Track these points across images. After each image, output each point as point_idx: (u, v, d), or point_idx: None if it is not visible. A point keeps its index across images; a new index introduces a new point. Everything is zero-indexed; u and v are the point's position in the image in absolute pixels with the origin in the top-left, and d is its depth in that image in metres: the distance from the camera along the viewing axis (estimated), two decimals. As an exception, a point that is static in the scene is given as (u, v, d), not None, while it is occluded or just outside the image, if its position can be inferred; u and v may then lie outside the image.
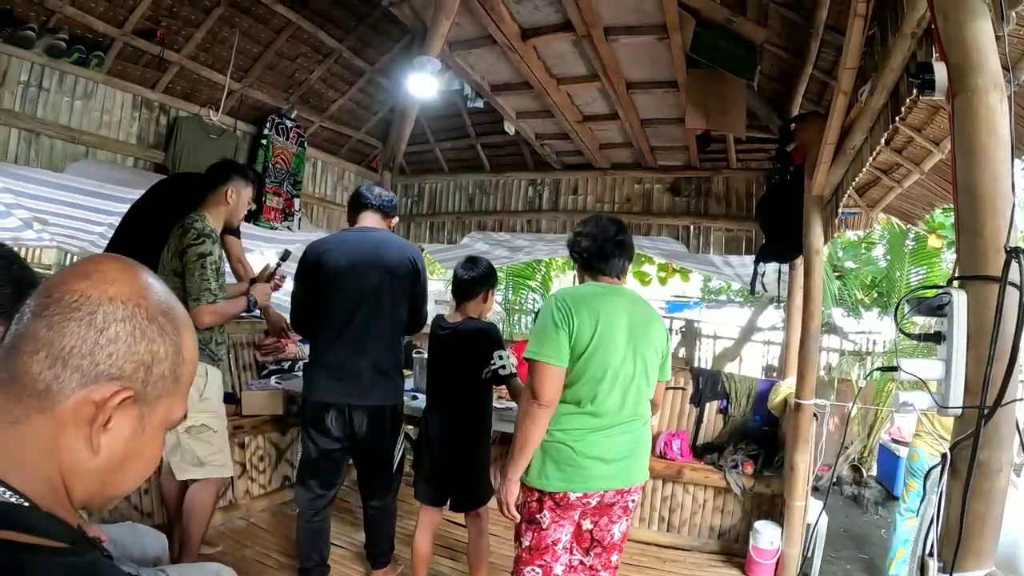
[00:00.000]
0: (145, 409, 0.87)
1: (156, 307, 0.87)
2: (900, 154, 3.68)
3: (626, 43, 4.02)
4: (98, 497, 0.88)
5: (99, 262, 0.88)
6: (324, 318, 3.33)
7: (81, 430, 0.80)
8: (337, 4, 5.24)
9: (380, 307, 3.34)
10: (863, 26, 2.59)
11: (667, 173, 5.96)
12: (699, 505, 4.72)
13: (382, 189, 3.60)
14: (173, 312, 0.90)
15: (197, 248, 3.20)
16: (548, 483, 2.52)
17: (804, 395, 4.00)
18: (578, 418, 2.52)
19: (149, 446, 0.90)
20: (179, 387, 0.92)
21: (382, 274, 3.33)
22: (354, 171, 6.89)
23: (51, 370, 0.79)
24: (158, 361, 0.86)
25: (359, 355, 3.29)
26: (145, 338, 0.85)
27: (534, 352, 2.47)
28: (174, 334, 0.89)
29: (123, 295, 0.84)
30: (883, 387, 7.12)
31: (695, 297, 15.12)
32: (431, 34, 4.15)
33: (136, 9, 4.33)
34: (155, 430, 0.90)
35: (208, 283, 3.19)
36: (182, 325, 0.92)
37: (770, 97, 4.88)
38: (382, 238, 3.45)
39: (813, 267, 4.02)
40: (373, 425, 3.33)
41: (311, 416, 3.34)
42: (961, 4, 1.57)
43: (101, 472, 0.84)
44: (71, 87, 4.30)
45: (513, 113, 5.46)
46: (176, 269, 3.22)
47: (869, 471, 6.99)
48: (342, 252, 3.36)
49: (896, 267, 8.80)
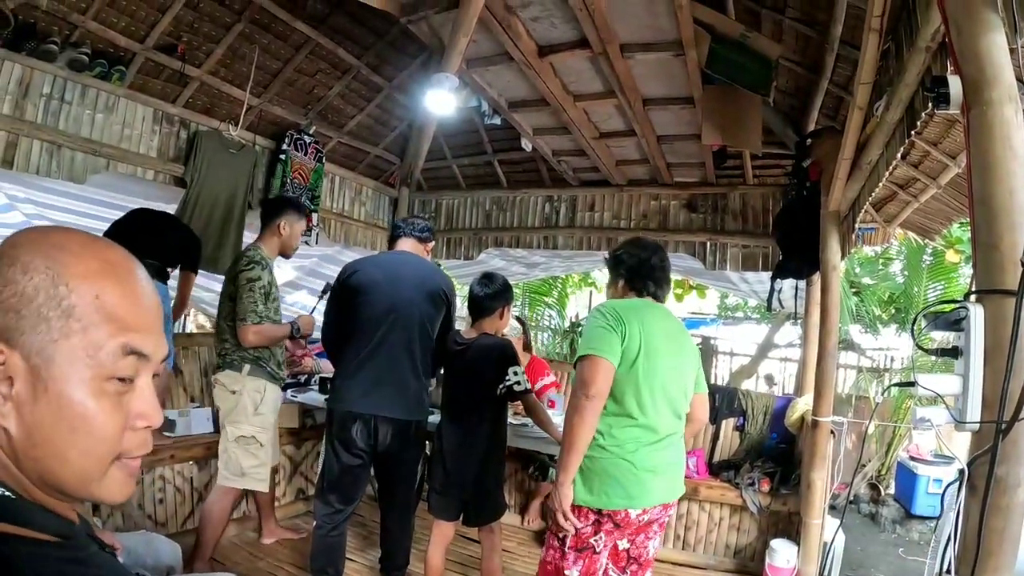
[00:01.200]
0: (37, 361, 0.73)
1: (24, 253, 0.76)
2: (916, 168, 3.67)
3: (642, 60, 4.03)
4: (50, 479, 0.77)
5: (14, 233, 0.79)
6: (355, 332, 3.41)
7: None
8: (356, 21, 5.29)
9: (410, 324, 3.41)
10: (878, 40, 2.59)
11: (683, 189, 5.94)
12: (715, 523, 4.68)
13: (417, 218, 3.77)
14: (49, 248, 0.77)
15: (247, 273, 3.57)
16: (609, 500, 2.46)
17: (821, 412, 3.97)
18: (631, 430, 2.49)
19: (69, 408, 0.75)
20: (75, 323, 0.76)
21: (414, 292, 3.43)
22: (372, 187, 6.91)
23: None
24: (27, 302, 0.73)
25: (388, 369, 3.35)
26: (6, 284, 0.74)
27: (587, 348, 2.45)
28: (46, 266, 0.75)
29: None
30: (901, 404, 7.05)
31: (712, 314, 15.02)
32: (449, 51, 4.17)
33: (157, 25, 4.40)
34: (67, 385, 0.75)
35: (255, 305, 3.55)
36: (63, 253, 0.77)
37: (786, 112, 4.89)
38: (415, 261, 3.58)
39: (830, 283, 4.00)
40: (397, 439, 3.36)
41: (337, 427, 3.37)
42: (975, 17, 1.57)
43: (27, 448, 0.74)
44: (93, 100, 4.35)
45: (530, 130, 5.47)
46: (230, 293, 3.63)
47: (887, 489, 6.91)
48: (376, 269, 3.50)
49: (914, 283, 8.72)
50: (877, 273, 10.02)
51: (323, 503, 3.42)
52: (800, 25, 4.00)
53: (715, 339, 11.40)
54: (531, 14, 3.83)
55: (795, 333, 8.39)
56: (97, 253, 0.80)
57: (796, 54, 4.30)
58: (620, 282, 2.78)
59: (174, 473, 4.17)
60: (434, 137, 6.39)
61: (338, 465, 3.38)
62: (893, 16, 2.54)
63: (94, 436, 0.77)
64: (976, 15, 1.57)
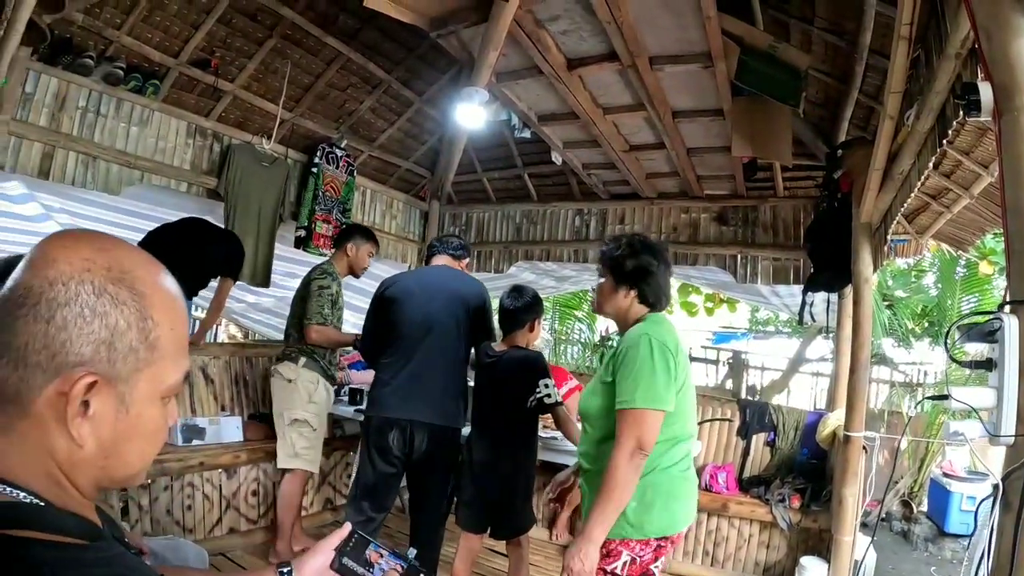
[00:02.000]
0: (123, 387, 0.80)
1: (103, 279, 0.79)
2: (949, 178, 3.61)
3: (671, 72, 4.03)
4: (105, 482, 0.85)
5: (43, 244, 0.81)
6: (393, 342, 3.47)
7: (61, 425, 0.77)
8: (386, 36, 5.36)
9: (448, 333, 3.47)
10: (907, 49, 2.57)
11: (714, 202, 5.92)
12: (744, 539, 4.62)
13: (452, 236, 3.92)
14: (128, 277, 0.81)
15: (318, 281, 4.16)
16: (675, 524, 2.34)
17: (853, 427, 3.91)
18: (680, 449, 2.38)
19: (142, 423, 0.84)
20: (158, 353, 0.83)
21: (450, 303, 3.49)
22: (402, 200, 6.97)
23: (15, 373, 0.75)
24: (120, 335, 0.79)
25: (425, 377, 3.40)
26: (96, 316, 0.77)
27: (653, 401, 2.19)
28: (132, 299, 0.80)
29: (63, 275, 0.77)
30: (934, 419, 6.90)
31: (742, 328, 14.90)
32: (478, 65, 4.20)
33: (191, 40, 4.51)
34: (143, 405, 0.83)
35: (321, 308, 4.09)
36: (143, 286, 0.82)
37: (816, 124, 4.86)
38: (451, 274, 3.66)
39: (862, 296, 3.96)
40: (433, 445, 3.39)
41: (374, 435, 3.42)
42: (1005, 23, 1.55)
43: (96, 459, 0.81)
44: (128, 114, 4.45)
45: (560, 143, 5.49)
46: (302, 295, 4.19)
47: (920, 506, 6.76)
48: (413, 282, 3.61)
49: (947, 295, 8.56)
50: (910, 286, 9.86)
51: (355, 510, 3.45)
52: (829, 35, 3.98)
53: (746, 353, 11.28)
54: (560, 28, 3.85)
55: (827, 347, 8.29)
56: (163, 283, 0.86)
57: (825, 64, 4.28)
58: (630, 291, 2.47)
59: (203, 480, 4.22)
60: (464, 150, 6.43)
61: (373, 473, 3.42)
62: (922, 24, 2.52)
63: (157, 443, 0.90)
64: (1006, 21, 1.56)
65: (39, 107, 3.98)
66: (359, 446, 3.63)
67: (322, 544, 1.28)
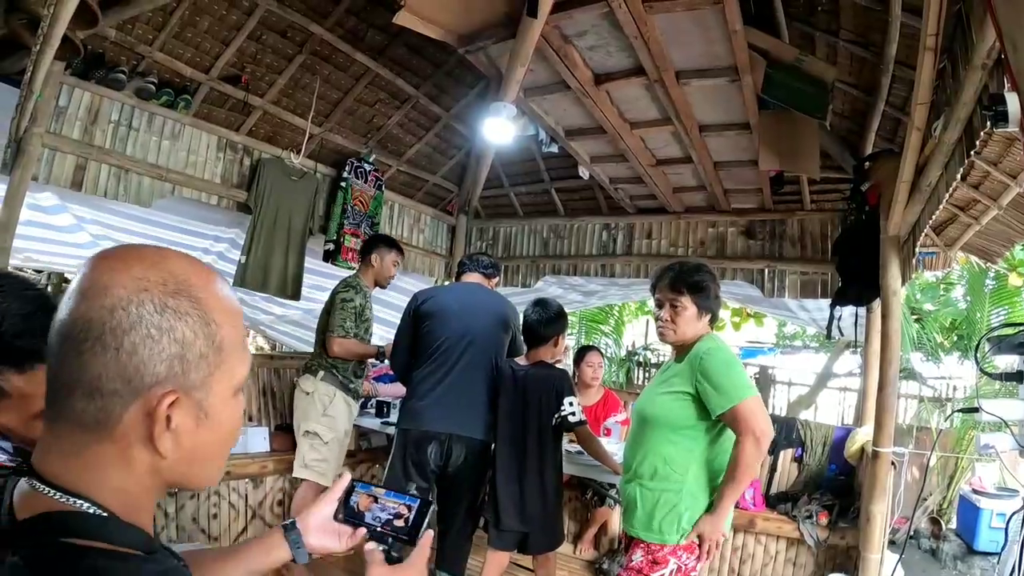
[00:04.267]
0: (199, 395, 0.81)
1: (162, 294, 0.77)
2: (977, 189, 3.59)
3: (698, 86, 4.03)
4: (188, 485, 0.88)
5: (91, 272, 0.79)
6: (430, 355, 3.52)
7: (145, 443, 0.78)
8: (414, 52, 5.42)
9: (487, 348, 3.53)
10: (933, 60, 2.57)
11: (741, 216, 5.90)
12: (771, 557, 4.58)
13: (483, 255, 3.99)
14: (184, 286, 0.80)
15: (342, 294, 4.20)
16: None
17: (882, 443, 3.88)
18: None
19: (222, 423, 0.85)
20: (225, 353, 0.83)
21: (486, 319, 3.56)
22: (430, 214, 7.00)
23: (92, 404, 0.75)
24: (189, 346, 0.79)
25: (464, 391, 3.45)
26: (163, 332, 0.77)
27: (749, 389, 2.43)
28: (193, 308, 0.79)
29: (121, 301, 0.75)
30: (964, 435, 6.82)
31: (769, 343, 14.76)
32: (506, 80, 4.23)
33: (222, 56, 4.60)
34: (221, 406, 0.84)
35: (344, 321, 4.12)
36: (199, 292, 0.81)
37: (843, 136, 4.84)
38: (484, 290, 3.75)
39: (891, 310, 3.94)
40: (469, 458, 3.43)
41: (412, 448, 3.44)
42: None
43: (179, 467, 0.82)
44: (159, 127, 4.53)
45: (587, 157, 5.50)
46: (328, 308, 4.24)
47: (948, 524, 6.68)
48: (449, 297, 3.69)
49: (976, 308, 8.44)
50: (938, 299, 9.74)
51: None
52: (854, 47, 3.98)
53: (773, 369, 11.19)
54: (587, 43, 3.88)
55: (855, 362, 8.22)
56: (216, 284, 0.85)
57: (851, 76, 4.28)
58: (706, 316, 2.62)
59: (229, 490, 4.26)
60: (492, 165, 6.45)
61: (406, 486, 3.41)
62: (947, 34, 2.53)
63: (236, 437, 0.92)
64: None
65: (72, 120, 4.07)
66: (390, 458, 3.64)
67: (325, 496, 1.31)
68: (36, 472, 0.77)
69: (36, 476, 0.77)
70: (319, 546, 1.26)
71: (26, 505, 0.75)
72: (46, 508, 0.74)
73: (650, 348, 11.65)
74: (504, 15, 3.93)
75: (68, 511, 0.74)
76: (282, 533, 1.24)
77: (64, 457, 0.77)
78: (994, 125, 1.76)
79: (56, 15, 2.85)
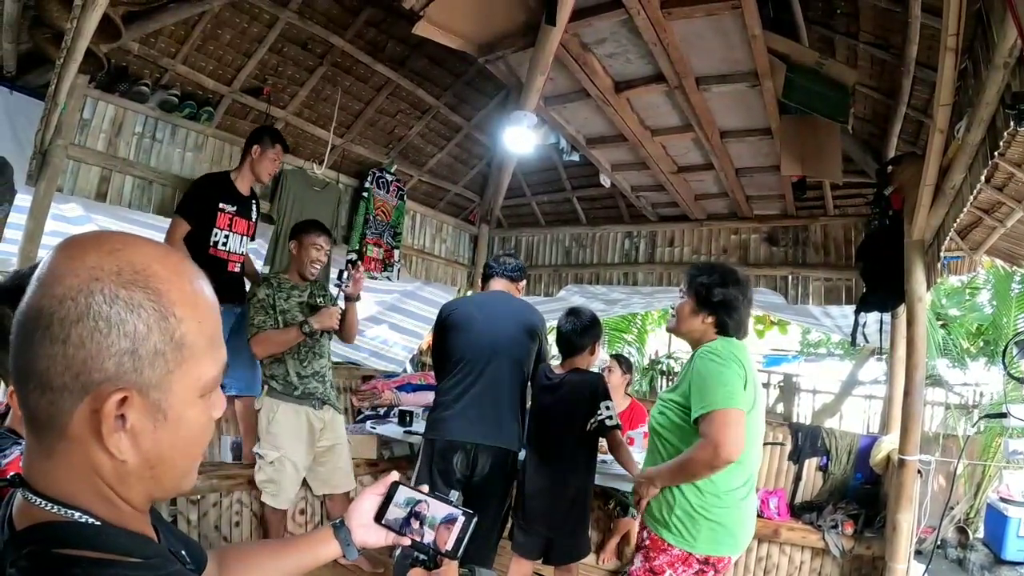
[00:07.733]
0: (156, 394, 0.76)
1: (114, 284, 0.73)
2: (1001, 191, 3.54)
3: (718, 92, 4.03)
4: (157, 492, 0.83)
5: (50, 258, 0.76)
6: (456, 366, 3.51)
7: (100, 443, 0.74)
8: (434, 63, 5.46)
9: (513, 358, 3.51)
10: (954, 60, 2.55)
11: (763, 223, 5.86)
12: (795, 567, 4.51)
13: (508, 257, 3.88)
14: (141, 277, 0.75)
15: (249, 295, 3.98)
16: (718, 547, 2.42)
17: (908, 451, 3.82)
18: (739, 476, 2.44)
19: (184, 426, 0.80)
20: (188, 351, 0.78)
21: (512, 328, 3.54)
22: (452, 224, 7.03)
23: (44, 398, 0.73)
24: (142, 341, 0.73)
25: (490, 401, 3.43)
26: (112, 326, 0.72)
27: (728, 400, 2.28)
28: (148, 300, 0.74)
29: (71, 290, 0.71)
30: (991, 442, 6.71)
31: (793, 350, 14.64)
32: (526, 89, 4.24)
33: (244, 68, 4.66)
34: (182, 407, 0.79)
35: (254, 318, 3.82)
36: (160, 283, 0.76)
37: (865, 140, 4.81)
38: (510, 299, 3.71)
39: (916, 316, 3.89)
40: (496, 468, 3.40)
41: (438, 458, 3.43)
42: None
43: (143, 471, 0.78)
44: (183, 139, 4.60)
45: (608, 165, 5.50)
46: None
47: (976, 533, 6.57)
48: (475, 308, 3.67)
49: (1002, 313, 8.33)
50: (964, 304, 9.62)
51: None
52: (875, 49, 3.96)
53: (797, 376, 11.09)
54: (606, 51, 3.89)
55: (880, 369, 8.13)
56: (184, 275, 0.80)
57: (872, 79, 4.25)
58: (708, 317, 2.55)
59: (251, 498, 4.27)
60: (513, 174, 6.47)
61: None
62: (968, 34, 2.51)
63: (203, 442, 0.86)
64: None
65: (96, 132, 4.15)
66: (417, 467, 3.63)
67: (367, 491, 1.32)
68: (27, 482, 0.77)
69: (27, 486, 0.77)
70: (359, 541, 1.27)
71: (22, 516, 0.76)
72: (41, 519, 0.74)
73: (673, 357, 11.57)
74: (523, 24, 3.95)
75: (61, 521, 0.74)
76: (332, 531, 1.26)
77: (40, 459, 0.77)
78: (1017, 124, 1.75)
79: (79, 29, 2.89)
